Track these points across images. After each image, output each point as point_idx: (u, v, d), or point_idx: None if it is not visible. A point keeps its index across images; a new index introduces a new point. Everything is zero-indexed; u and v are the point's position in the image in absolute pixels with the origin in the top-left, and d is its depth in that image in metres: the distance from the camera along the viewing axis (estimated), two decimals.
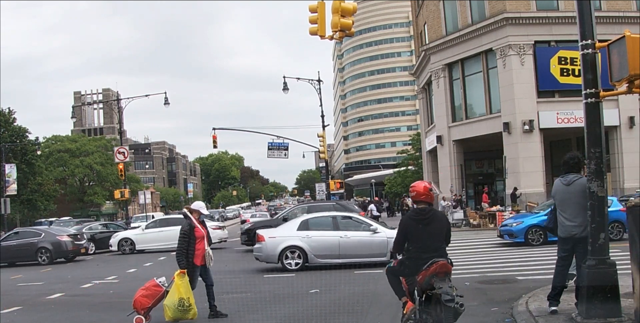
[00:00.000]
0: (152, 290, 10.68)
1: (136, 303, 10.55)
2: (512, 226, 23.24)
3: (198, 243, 10.95)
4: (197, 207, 11.35)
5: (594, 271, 8.32)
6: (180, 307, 10.31)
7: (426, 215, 7.97)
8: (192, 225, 11.02)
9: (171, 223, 30.60)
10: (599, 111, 8.58)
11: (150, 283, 10.84)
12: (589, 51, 8.50)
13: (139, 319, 10.41)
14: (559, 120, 35.32)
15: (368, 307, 11.08)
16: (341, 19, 14.35)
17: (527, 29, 35.87)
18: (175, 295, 10.34)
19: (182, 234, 10.91)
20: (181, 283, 10.41)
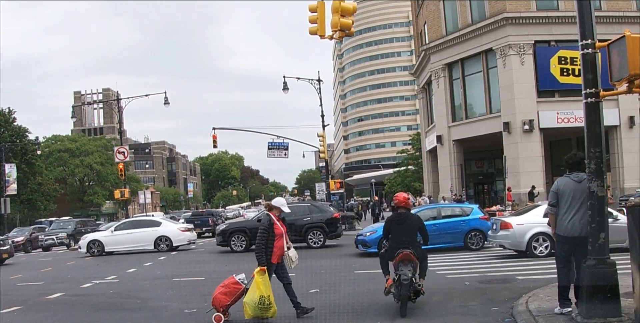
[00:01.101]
0: (231, 288, 10.45)
1: (215, 301, 10.36)
2: (366, 236, 22.49)
3: (277, 241, 10.59)
4: (278, 204, 10.92)
5: (594, 271, 8.31)
6: (260, 305, 10.06)
7: (401, 217, 11.09)
8: (271, 221, 10.67)
9: (140, 226, 30.98)
10: (599, 111, 8.57)
11: (230, 280, 10.60)
12: (589, 51, 8.49)
13: (218, 317, 10.21)
14: (559, 120, 35.37)
15: (368, 306, 11.07)
16: (341, 18, 14.34)
17: (527, 28, 35.93)
18: (255, 292, 10.08)
19: (262, 230, 10.59)
20: (261, 281, 10.13)
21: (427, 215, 22.41)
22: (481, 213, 23.35)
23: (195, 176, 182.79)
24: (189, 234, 31.07)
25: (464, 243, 22.02)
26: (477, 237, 22.13)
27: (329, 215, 27.66)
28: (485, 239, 21.92)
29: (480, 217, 22.80)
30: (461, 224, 22.46)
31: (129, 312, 12.62)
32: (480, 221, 22.58)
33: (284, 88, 45.53)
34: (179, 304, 12.66)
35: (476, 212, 23.18)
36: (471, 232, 22.20)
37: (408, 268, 10.36)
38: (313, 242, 27.03)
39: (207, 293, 14.08)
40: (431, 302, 11.64)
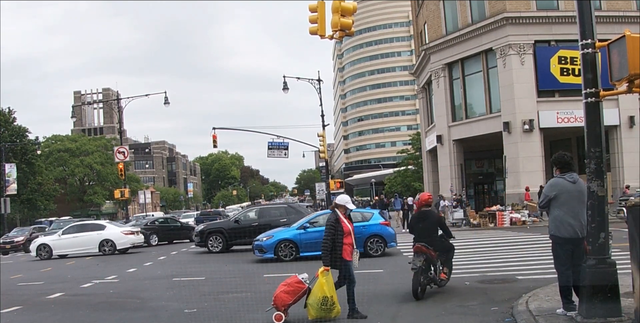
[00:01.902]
0: (294, 287, 10.29)
1: (277, 300, 10.21)
2: (262, 241, 22.15)
3: (345, 238, 10.43)
4: (342, 201, 10.77)
5: (594, 271, 8.30)
6: (324, 306, 9.95)
7: (423, 215, 12.92)
8: (337, 218, 10.53)
9: (85, 229, 31.24)
10: (599, 111, 8.56)
11: (293, 279, 10.44)
12: (589, 51, 8.49)
13: (279, 316, 10.08)
14: (559, 120, 35.37)
15: (368, 306, 11.05)
16: (341, 18, 14.34)
17: (527, 28, 35.93)
18: (319, 293, 9.95)
19: (329, 226, 10.46)
20: (325, 281, 9.97)
21: (324, 222, 22.18)
22: (381, 219, 22.86)
23: (195, 176, 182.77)
24: (133, 237, 31.24)
25: (364, 249, 21.17)
26: (378, 243, 21.66)
27: (303, 216, 27.52)
28: (387, 245, 21.69)
29: (381, 223, 22.36)
30: (360, 230, 21.19)
31: (129, 311, 12.62)
32: (381, 227, 22.14)
33: (284, 88, 45.56)
34: (179, 304, 12.66)
35: (376, 217, 22.71)
36: (371, 238, 21.65)
37: (419, 259, 12.10)
38: None
39: (208, 293, 14.15)
40: (431, 302, 11.64)
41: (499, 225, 32.29)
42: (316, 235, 21.10)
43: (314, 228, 21.69)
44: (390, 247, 22.08)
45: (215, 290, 14.75)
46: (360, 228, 21.38)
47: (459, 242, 25.14)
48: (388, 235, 22.03)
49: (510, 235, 27.08)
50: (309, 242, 21.34)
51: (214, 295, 13.94)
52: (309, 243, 21.33)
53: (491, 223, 32.91)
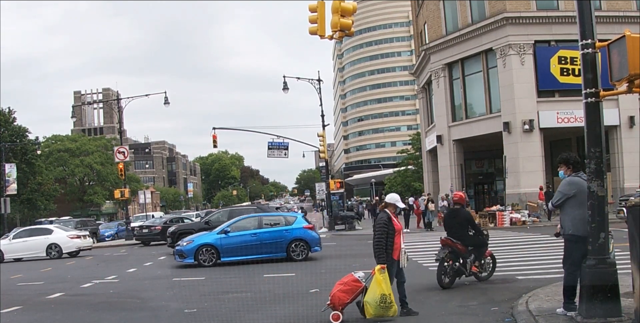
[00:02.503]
0: (351, 285, 10.15)
1: (334, 299, 10.07)
2: (183, 245, 21.68)
3: (396, 237, 10.39)
4: (392, 200, 10.68)
5: (594, 271, 8.29)
6: (382, 304, 9.83)
7: (454, 212, 14.27)
8: (389, 216, 10.47)
9: (34, 234, 31.74)
10: (599, 111, 8.55)
11: (349, 278, 10.29)
12: (589, 51, 8.48)
13: (336, 315, 9.96)
14: (559, 120, 35.36)
15: None
16: (341, 18, 14.32)
17: (527, 28, 35.92)
18: (376, 291, 9.84)
19: (382, 224, 10.34)
20: (382, 279, 9.88)
21: (248, 225, 21.96)
22: (305, 223, 22.43)
23: (195, 176, 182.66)
24: (78, 241, 31.61)
25: (287, 253, 21.30)
26: (301, 247, 21.41)
27: None
28: (310, 249, 21.45)
29: (304, 227, 22.00)
30: (283, 234, 21.61)
31: (129, 311, 12.63)
32: (304, 231, 21.81)
33: (284, 88, 45.52)
34: (179, 304, 12.67)
35: (300, 221, 22.35)
36: (294, 242, 21.43)
37: (443, 251, 13.32)
38: None
39: (207, 293, 14.16)
40: (431, 301, 11.65)
41: (499, 225, 32.29)
42: (238, 239, 21.24)
43: (236, 233, 21.43)
44: (315, 251, 21.73)
45: (215, 290, 14.76)
46: (282, 232, 21.61)
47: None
48: (312, 239, 21.71)
49: (510, 235, 27.08)
50: (230, 247, 21.10)
51: (214, 295, 13.95)
52: (230, 248, 21.09)
53: (491, 224, 32.89)
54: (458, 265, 13.29)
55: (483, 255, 13.88)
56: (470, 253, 13.53)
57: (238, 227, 21.88)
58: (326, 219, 46.94)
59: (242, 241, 21.23)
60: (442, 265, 13.14)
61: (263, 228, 21.84)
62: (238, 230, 21.65)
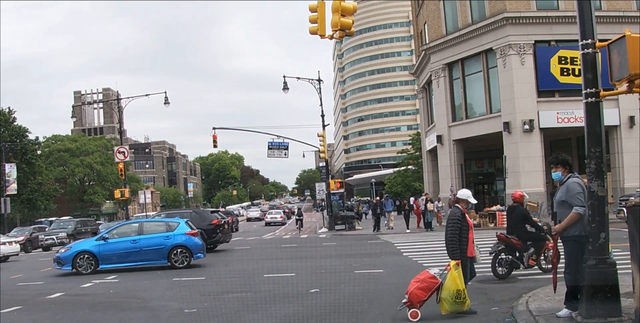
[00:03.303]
0: (428, 282, 10.08)
1: (412, 296, 9.98)
2: (61, 252, 21.15)
3: (470, 233, 10.40)
4: (465, 196, 10.66)
5: (594, 271, 8.28)
6: (458, 300, 9.83)
7: (511, 209, 15.35)
8: (463, 212, 10.47)
9: None
10: (599, 111, 8.55)
11: (425, 275, 10.22)
12: (589, 51, 8.48)
13: (415, 313, 9.90)
14: (559, 120, 35.31)
15: (368, 306, 11.07)
16: (341, 18, 14.31)
17: (527, 28, 35.87)
18: (452, 287, 9.82)
19: (455, 220, 10.31)
20: (457, 275, 9.88)
21: (128, 232, 21.54)
22: (188, 229, 21.79)
23: (196, 176, 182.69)
24: (4, 247, 31.53)
25: (168, 260, 20.81)
26: (183, 254, 20.87)
27: (208, 222, 28.33)
28: (193, 256, 20.96)
29: (187, 233, 21.40)
30: (164, 241, 21.03)
31: (129, 311, 12.62)
32: (187, 237, 21.28)
33: (284, 88, 45.54)
34: (179, 304, 12.66)
35: (182, 227, 21.72)
36: (175, 249, 20.90)
37: (498, 245, 14.50)
38: None
39: (207, 293, 14.16)
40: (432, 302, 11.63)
41: (499, 225, 32.25)
42: (117, 246, 20.80)
43: (116, 240, 21.01)
44: (197, 258, 21.25)
45: (215, 290, 14.76)
46: (163, 239, 21.05)
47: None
48: (194, 246, 21.15)
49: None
50: (109, 254, 20.66)
51: (214, 295, 13.95)
52: (109, 255, 20.64)
53: (491, 223, 32.91)
54: (511, 258, 14.28)
55: (542, 249, 14.56)
56: (529, 247, 14.46)
57: (118, 233, 21.45)
58: (326, 219, 46.95)
59: (121, 248, 20.78)
60: (497, 257, 14.30)
61: (144, 234, 21.25)
62: (118, 236, 21.22)
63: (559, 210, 9.17)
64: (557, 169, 9.27)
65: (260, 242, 35.33)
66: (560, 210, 9.09)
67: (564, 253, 9.12)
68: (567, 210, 8.91)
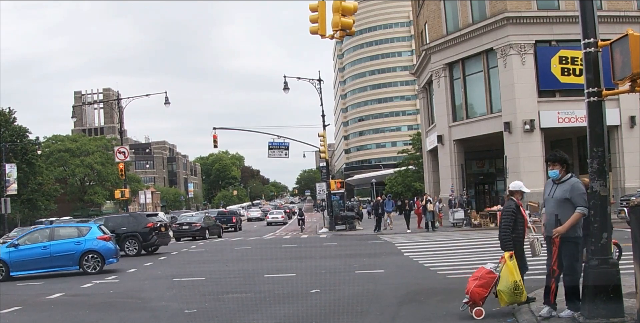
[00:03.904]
0: (486, 278, 9.94)
1: (473, 295, 9.83)
2: None
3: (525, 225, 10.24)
4: (517, 187, 10.31)
5: (596, 271, 8.23)
6: (516, 291, 9.68)
7: None
8: (517, 204, 10.21)
9: None
10: (602, 110, 8.50)
11: (482, 271, 10.09)
12: (591, 50, 8.43)
13: (479, 311, 9.75)
14: (560, 120, 35.29)
15: (369, 306, 11.03)
16: (342, 18, 14.27)
17: (528, 28, 35.86)
18: (509, 278, 9.68)
19: (510, 213, 10.07)
20: (513, 266, 9.76)
21: (40, 238, 21.02)
22: (100, 233, 21.27)
23: (196, 176, 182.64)
24: None
25: (80, 266, 20.37)
26: (95, 259, 20.47)
27: (144, 225, 28.68)
28: (105, 262, 20.60)
29: (99, 237, 20.87)
30: (74, 246, 20.51)
31: (129, 312, 12.57)
32: (98, 242, 20.80)
33: (284, 88, 45.51)
34: (179, 304, 12.60)
35: (94, 232, 21.18)
36: (87, 254, 20.40)
37: None
38: (129, 249, 28.26)
39: (208, 294, 14.11)
40: (432, 302, 11.61)
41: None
42: (28, 253, 20.37)
43: (26, 246, 20.53)
44: (109, 263, 20.88)
45: (216, 290, 14.71)
46: (74, 244, 20.60)
47: (460, 242, 25.20)
48: (106, 250, 20.77)
49: None
50: (20, 261, 20.19)
51: (215, 296, 13.90)
52: (20, 262, 20.18)
53: (492, 224, 32.86)
54: None
55: None
56: None
57: (30, 239, 21.03)
58: (326, 219, 46.91)
59: (32, 254, 20.33)
60: None
61: (55, 240, 20.79)
62: (30, 242, 20.81)
63: (558, 209, 8.90)
64: (554, 167, 9.10)
65: (261, 242, 35.27)
66: (561, 209, 8.87)
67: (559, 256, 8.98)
68: (569, 210, 8.79)
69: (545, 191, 9.32)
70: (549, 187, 9.24)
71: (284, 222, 68.78)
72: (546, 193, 9.27)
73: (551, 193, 9.11)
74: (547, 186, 9.33)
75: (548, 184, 9.35)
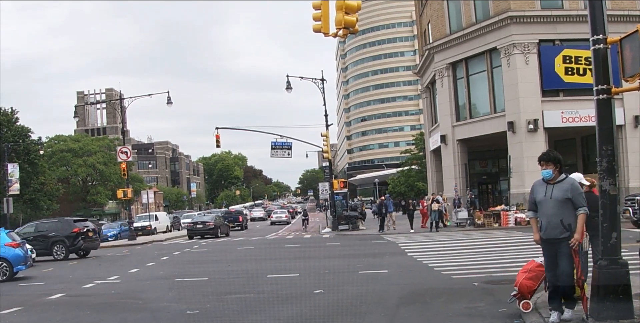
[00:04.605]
0: (536, 271, 9.81)
1: (522, 288, 9.70)
2: None
3: None
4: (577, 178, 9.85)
5: (605, 271, 8.07)
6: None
7: None
8: None
9: None
10: (611, 108, 8.34)
11: (532, 264, 9.98)
12: (600, 46, 8.26)
13: (526, 304, 9.60)
14: (564, 119, 35.16)
15: (373, 307, 10.90)
16: (345, 15, 14.16)
17: (532, 27, 35.73)
18: None
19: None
20: None
21: None
22: (8, 240, 20.52)
23: (199, 176, 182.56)
24: None
25: None
26: (2, 266, 19.93)
27: (70, 230, 29.44)
28: (14, 268, 20.05)
29: (7, 244, 20.16)
30: None
31: (130, 313, 12.44)
32: (7, 249, 20.16)
33: (287, 87, 45.35)
34: (181, 305, 12.47)
35: (3, 238, 20.40)
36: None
37: None
38: (57, 254, 28.87)
39: (210, 294, 13.97)
40: (438, 302, 11.47)
41: (503, 225, 32.14)
42: None
43: None
44: (18, 270, 20.33)
45: (218, 291, 14.57)
46: None
47: (464, 242, 25.08)
48: (15, 257, 20.15)
49: (515, 235, 26.91)
50: None
51: (217, 296, 13.76)
52: None
53: (496, 224, 32.77)
54: None
55: None
56: None
57: None
58: (329, 219, 46.80)
59: None
60: None
61: None
62: None
63: (560, 210, 8.51)
64: (548, 167, 8.82)
65: (264, 242, 35.17)
66: (561, 210, 8.49)
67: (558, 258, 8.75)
68: (570, 210, 8.45)
69: (538, 191, 8.90)
70: (542, 188, 8.87)
71: (288, 221, 69.98)
72: (540, 194, 8.81)
73: (548, 194, 8.70)
74: (539, 187, 8.98)
75: (539, 185, 9.01)
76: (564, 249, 8.50)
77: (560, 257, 8.59)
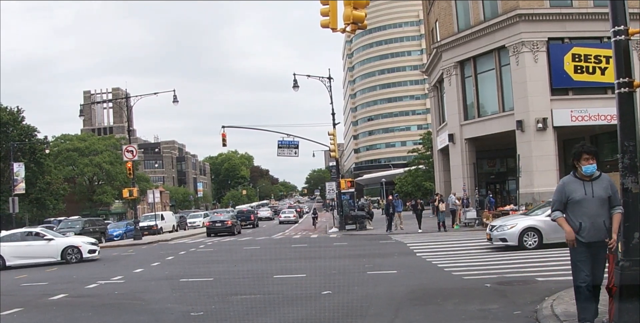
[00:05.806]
0: None
1: None
2: None
3: None
4: None
5: (627, 273, 7.69)
6: None
7: None
8: None
9: None
10: (633, 101, 7.99)
11: None
12: (621, 38, 7.92)
13: None
14: (573, 118, 34.77)
15: (382, 309, 10.61)
16: (354, 11, 13.88)
17: (541, 25, 35.35)
18: None
19: None
20: None
21: None
22: None
23: (205, 176, 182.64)
24: None
25: None
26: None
27: None
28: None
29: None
30: None
31: (133, 314, 12.17)
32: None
33: (294, 85, 45.10)
34: (185, 306, 12.22)
35: None
36: None
37: None
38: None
39: (215, 295, 13.71)
40: (449, 304, 11.16)
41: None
42: None
43: None
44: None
45: (224, 292, 14.29)
46: None
47: (473, 242, 24.77)
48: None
49: None
50: None
51: (222, 297, 13.47)
52: None
53: None
54: None
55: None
56: None
57: None
58: (336, 219, 46.54)
59: None
60: None
61: None
62: None
63: (601, 210, 7.89)
64: (594, 161, 7.98)
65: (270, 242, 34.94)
66: (602, 210, 7.90)
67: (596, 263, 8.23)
68: (608, 210, 7.92)
69: (574, 190, 7.99)
70: (577, 185, 7.99)
71: (295, 220, 71.81)
72: (579, 192, 7.94)
73: (589, 192, 7.91)
74: (573, 184, 8.05)
75: (572, 182, 8.08)
76: (603, 253, 7.97)
77: (599, 262, 8.02)
